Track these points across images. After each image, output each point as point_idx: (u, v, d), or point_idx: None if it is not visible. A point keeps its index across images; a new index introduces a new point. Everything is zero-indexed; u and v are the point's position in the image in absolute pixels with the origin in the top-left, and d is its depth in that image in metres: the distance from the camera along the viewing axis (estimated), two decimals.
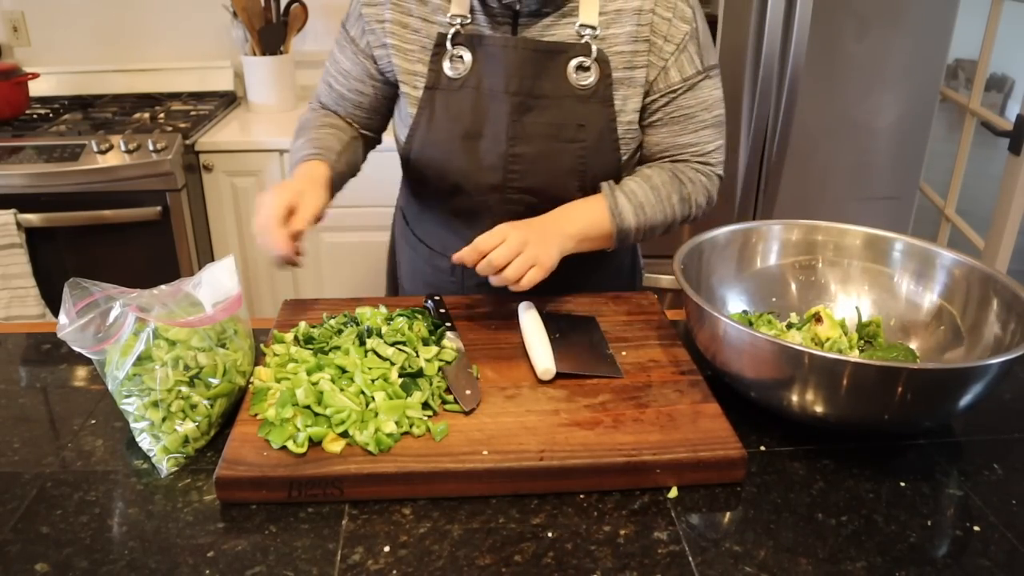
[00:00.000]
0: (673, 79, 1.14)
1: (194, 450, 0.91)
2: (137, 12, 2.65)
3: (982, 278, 1.03)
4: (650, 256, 2.35)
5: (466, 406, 0.92)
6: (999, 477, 0.89)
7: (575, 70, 1.12)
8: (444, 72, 1.14)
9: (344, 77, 1.23)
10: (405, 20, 1.15)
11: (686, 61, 1.14)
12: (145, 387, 0.89)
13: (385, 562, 0.76)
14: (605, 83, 1.12)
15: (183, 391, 0.90)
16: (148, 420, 0.89)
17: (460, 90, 1.13)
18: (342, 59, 1.22)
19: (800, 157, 2.20)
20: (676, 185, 1.17)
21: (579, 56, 1.11)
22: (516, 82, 1.11)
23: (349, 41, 1.20)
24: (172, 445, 0.89)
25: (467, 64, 1.13)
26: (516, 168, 1.15)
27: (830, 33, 2.08)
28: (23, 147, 2.17)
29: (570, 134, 1.13)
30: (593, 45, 1.11)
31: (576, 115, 1.13)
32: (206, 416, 0.91)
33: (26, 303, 2.18)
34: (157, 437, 0.89)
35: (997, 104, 5.95)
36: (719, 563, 0.76)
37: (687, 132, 1.18)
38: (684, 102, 1.16)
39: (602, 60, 1.12)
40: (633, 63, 1.13)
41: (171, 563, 0.75)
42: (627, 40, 1.12)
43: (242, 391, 0.95)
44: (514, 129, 1.13)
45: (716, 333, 0.95)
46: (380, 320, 1.05)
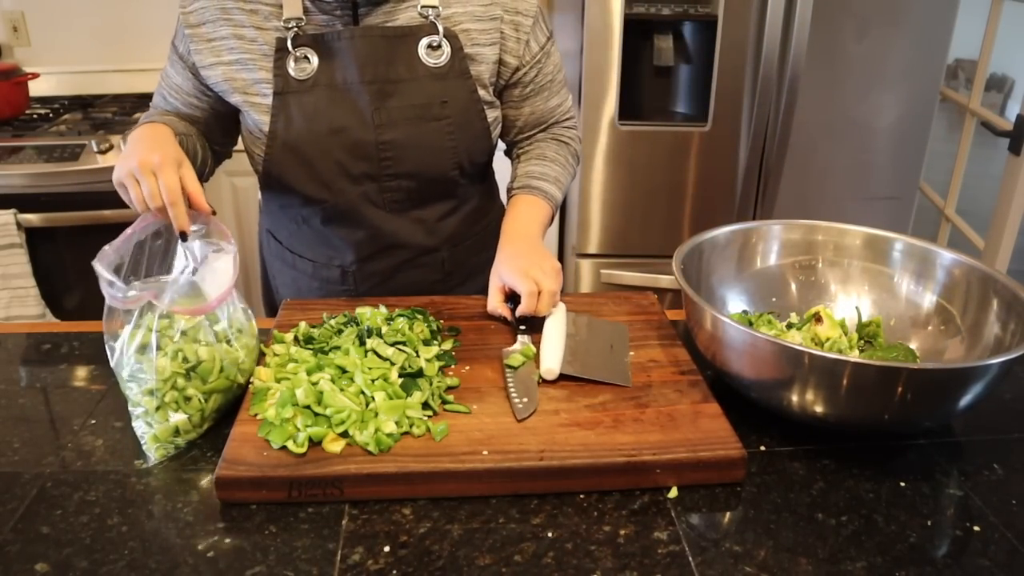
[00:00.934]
0: (534, 49, 1.21)
1: (184, 442, 0.91)
2: (137, 12, 2.65)
3: (982, 278, 1.03)
4: (650, 256, 2.36)
5: (518, 415, 0.91)
6: (999, 477, 0.89)
7: (426, 50, 1.14)
8: (290, 75, 1.12)
9: (177, 92, 1.20)
10: (240, 32, 1.12)
11: (539, 31, 1.21)
12: (145, 374, 0.89)
13: (385, 562, 0.76)
14: (459, 57, 1.15)
15: (179, 383, 0.90)
16: (143, 407, 0.89)
17: (312, 89, 1.12)
18: (173, 74, 1.20)
19: (800, 157, 2.20)
20: (564, 148, 1.30)
21: (427, 36, 1.13)
22: (370, 70, 1.12)
23: (178, 57, 1.18)
24: (162, 435, 0.89)
25: (314, 64, 1.12)
26: (389, 155, 1.15)
27: (830, 33, 2.08)
28: (23, 147, 2.17)
29: (435, 111, 1.15)
30: (439, 24, 1.13)
31: (437, 92, 1.14)
32: (199, 410, 0.91)
33: (26, 303, 2.18)
34: (150, 425, 0.89)
35: (997, 104, 5.95)
36: (719, 563, 0.76)
37: (553, 95, 1.27)
38: (545, 68, 1.24)
39: (450, 36, 1.14)
40: (479, 40, 1.16)
41: (171, 563, 0.75)
42: (471, 19, 1.15)
43: (241, 389, 0.96)
44: (379, 116, 1.13)
45: (716, 333, 0.95)
46: (380, 320, 1.06)
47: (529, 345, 1.04)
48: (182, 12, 1.16)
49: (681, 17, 2.11)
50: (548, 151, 1.28)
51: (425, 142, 1.15)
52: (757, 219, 2.24)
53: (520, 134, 1.30)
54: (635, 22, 2.10)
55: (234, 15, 1.13)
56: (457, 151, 1.18)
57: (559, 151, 1.29)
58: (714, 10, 2.07)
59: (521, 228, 1.19)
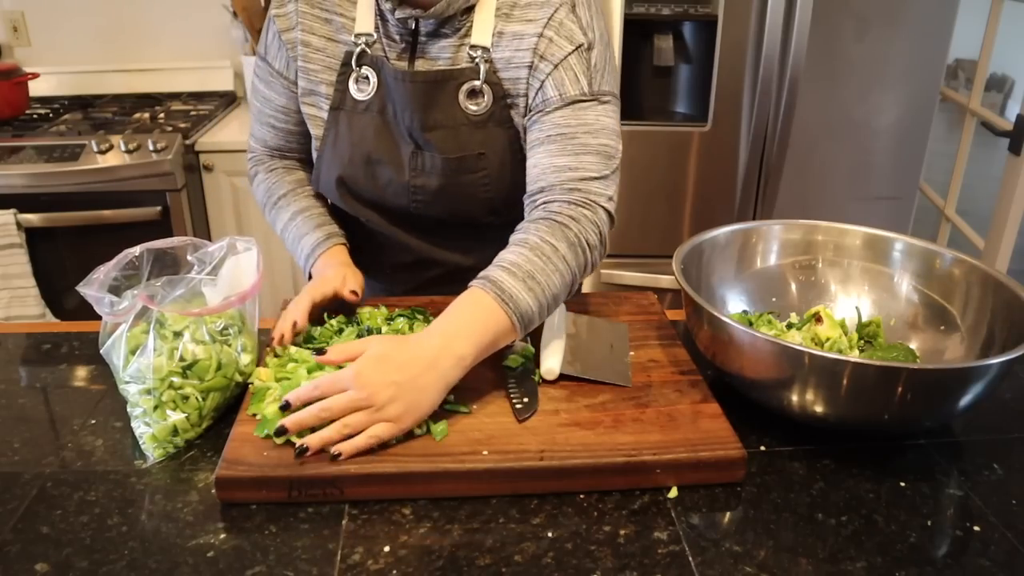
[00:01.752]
0: (549, 95, 1.05)
1: (183, 441, 0.91)
2: (137, 12, 2.66)
3: (982, 278, 1.03)
4: (650, 256, 2.36)
5: (518, 417, 0.91)
6: (999, 477, 0.89)
7: (466, 97, 1.08)
8: (350, 93, 1.10)
9: (285, 114, 1.18)
10: (308, 39, 1.10)
11: (567, 80, 1.04)
12: (142, 374, 0.89)
13: (385, 562, 0.76)
14: (500, 105, 1.08)
15: (175, 382, 0.90)
16: (142, 407, 0.90)
17: (364, 113, 1.11)
18: (275, 96, 1.16)
19: (800, 157, 2.20)
20: (559, 233, 0.98)
21: (468, 81, 1.07)
22: (411, 115, 1.08)
23: (276, 75, 1.15)
24: (161, 434, 0.89)
25: (372, 86, 1.09)
26: (420, 199, 1.13)
27: (830, 33, 2.08)
28: (23, 147, 2.17)
29: (471, 164, 1.09)
30: (482, 67, 1.06)
31: (474, 143, 1.09)
32: (196, 409, 0.91)
33: (26, 303, 2.18)
34: (148, 424, 0.90)
35: (997, 104, 5.95)
36: (719, 563, 0.76)
37: (565, 153, 1.03)
38: (561, 119, 1.04)
39: (492, 83, 1.06)
40: (515, 90, 1.08)
41: (171, 563, 0.75)
42: (506, 64, 1.07)
43: (240, 388, 0.96)
44: (414, 162, 1.10)
45: (716, 333, 0.95)
46: (380, 320, 1.06)
47: (528, 346, 1.04)
48: (275, 17, 1.12)
49: (681, 17, 2.11)
50: (532, 236, 0.97)
51: (458, 193, 1.12)
52: (757, 219, 2.24)
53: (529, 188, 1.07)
54: (635, 22, 2.10)
55: (307, 20, 1.10)
56: (492, 201, 1.13)
57: (548, 238, 0.97)
58: (714, 10, 2.07)
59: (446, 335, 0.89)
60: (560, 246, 0.97)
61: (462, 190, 1.12)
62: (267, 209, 1.22)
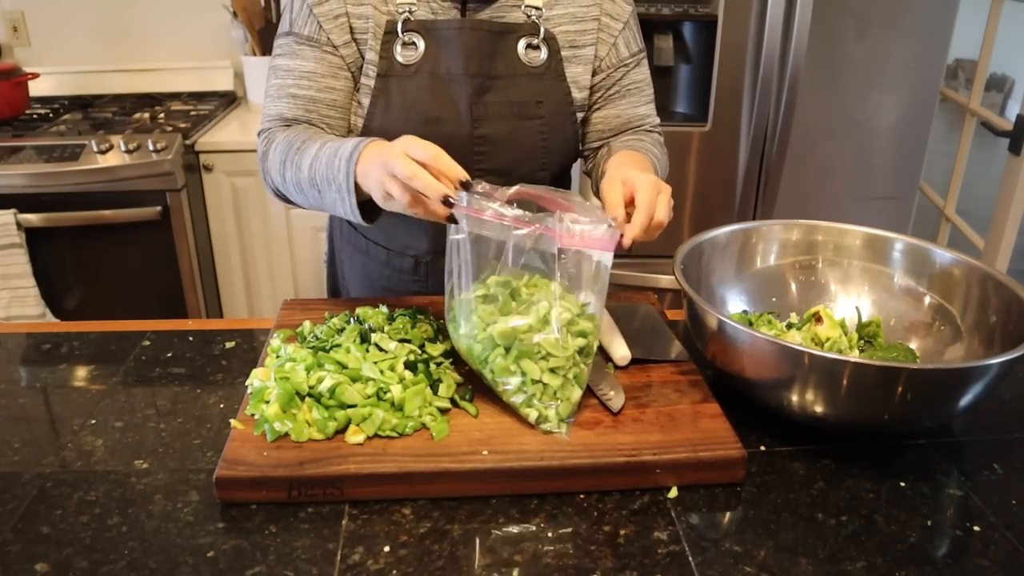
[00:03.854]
0: (623, 53, 1.20)
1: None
2: (137, 12, 2.65)
3: (982, 278, 1.03)
4: (650, 256, 2.36)
5: (614, 408, 0.92)
6: (999, 477, 0.89)
7: (525, 49, 1.14)
8: (396, 59, 1.12)
9: (309, 79, 1.14)
10: (356, 10, 1.12)
11: (631, 38, 1.21)
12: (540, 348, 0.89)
13: (385, 562, 0.76)
14: (555, 59, 1.16)
15: (577, 358, 0.91)
16: (544, 384, 0.89)
17: (415, 76, 1.13)
18: (301, 63, 1.14)
19: (800, 157, 2.20)
20: (659, 148, 1.24)
21: (527, 36, 1.14)
22: (475, 63, 1.12)
23: (305, 42, 1.13)
24: (565, 411, 0.90)
25: (420, 50, 1.12)
26: (482, 149, 1.15)
27: (830, 33, 2.08)
28: (23, 147, 2.17)
29: (530, 111, 1.15)
30: (540, 25, 1.14)
31: (533, 92, 1.15)
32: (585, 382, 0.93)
33: (26, 303, 2.18)
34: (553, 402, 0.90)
35: (997, 104, 5.95)
36: (719, 563, 0.76)
37: (641, 104, 1.24)
38: (635, 76, 1.23)
39: (549, 38, 1.15)
40: (577, 41, 1.17)
41: (171, 563, 0.75)
42: (571, 20, 1.16)
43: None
44: (476, 110, 1.13)
45: (716, 333, 0.95)
46: (381, 320, 1.06)
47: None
48: None
49: (681, 17, 2.11)
50: (638, 142, 1.21)
51: (519, 139, 1.16)
52: (757, 219, 2.24)
53: (601, 137, 1.25)
54: None
55: None
56: (548, 152, 1.18)
57: (654, 144, 1.23)
58: (714, 10, 2.07)
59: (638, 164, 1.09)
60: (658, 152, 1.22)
61: (522, 137, 1.16)
62: (288, 160, 1.08)
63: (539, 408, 0.89)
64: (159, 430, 0.95)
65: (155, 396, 1.02)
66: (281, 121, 1.14)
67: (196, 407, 0.99)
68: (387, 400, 0.90)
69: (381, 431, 0.87)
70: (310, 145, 1.05)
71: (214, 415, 0.98)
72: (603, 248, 0.92)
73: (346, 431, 0.88)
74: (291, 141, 1.09)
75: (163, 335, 1.17)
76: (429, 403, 0.91)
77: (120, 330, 1.18)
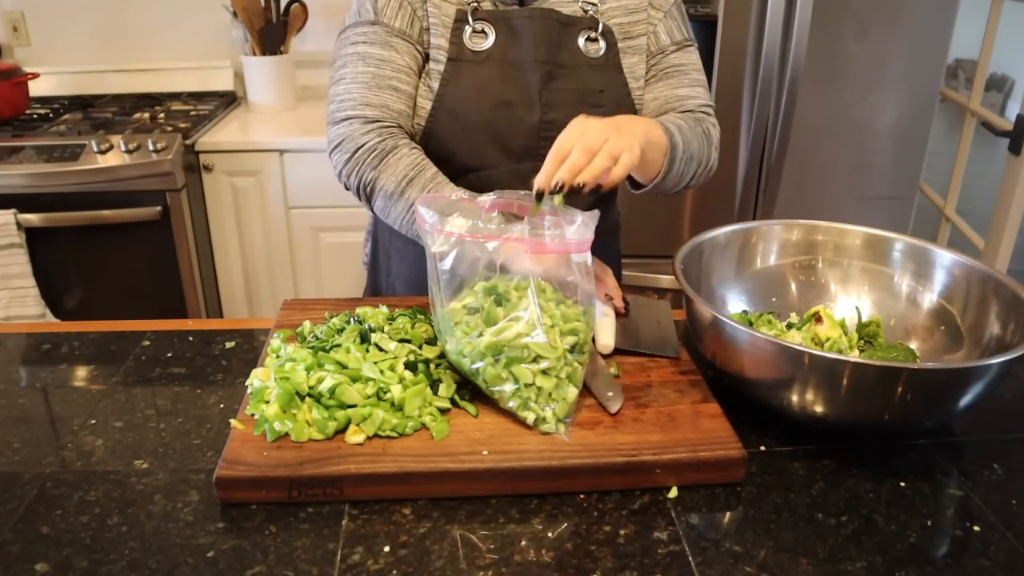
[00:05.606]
0: (663, 41, 1.23)
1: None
2: (137, 12, 2.65)
3: (982, 278, 1.03)
4: (650, 256, 2.36)
5: (612, 410, 0.93)
6: (999, 477, 0.89)
7: (585, 42, 1.18)
8: (466, 45, 1.16)
9: (407, 75, 1.14)
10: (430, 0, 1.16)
11: (673, 26, 1.23)
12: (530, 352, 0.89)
13: (385, 562, 0.76)
14: (612, 52, 1.20)
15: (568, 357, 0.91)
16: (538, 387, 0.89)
17: (485, 62, 1.16)
18: (396, 56, 1.13)
19: (800, 157, 2.20)
20: (693, 121, 1.19)
21: (587, 29, 1.18)
22: (544, 51, 1.16)
23: (398, 34, 1.14)
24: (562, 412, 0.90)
25: (491, 38, 1.16)
26: (549, 134, 1.14)
27: (830, 33, 2.08)
28: (23, 147, 2.17)
29: (593, 99, 1.18)
30: (599, 19, 1.19)
31: (595, 81, 1.19)
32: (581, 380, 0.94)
33: (26, 303, 2.18)
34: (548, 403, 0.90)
35: (997, 104, 5.95)
36: (719, 563, 0.76)
37: (683, 85, 1.24)
38: (675, 60, 1.24)
39: (607, 31, 1.19)
40: (631, 32, 1.21)
41: (171, 563, 0.75)
42: (624, 12, 1.21)
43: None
44: (545, 96, 1.16)
45: (716, 333, 0.95)
46: (382, 320, 1.06)
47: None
48: None
49: None
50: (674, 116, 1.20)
51: None
52: (757, 219, 2.24)
53: None
54: None
55: None
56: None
57: (686, 119, 1.18)
58: (714, 10, 2.07)
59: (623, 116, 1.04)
60: (697, 128, 1.18)
61: None
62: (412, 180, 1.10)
63: (535, 410, 0.89)
64: (159, 430, 0.95)
65: (155, 396, 1.02)
66: (391, 114, 1.13)
67: (196, 407, 0.99)
68: (387, 400, 0.90)
69: (381, 431, 0.87)
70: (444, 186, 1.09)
71: (214, 415, 0.98)
72: (575, 251, 0.92)
73: (346, 431, 0.88)
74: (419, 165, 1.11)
75: (163, 335, 1.17)
76: (429, 403, 0.91)
77: (120, 330, 1.18)
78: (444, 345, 0.95)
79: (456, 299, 0.95)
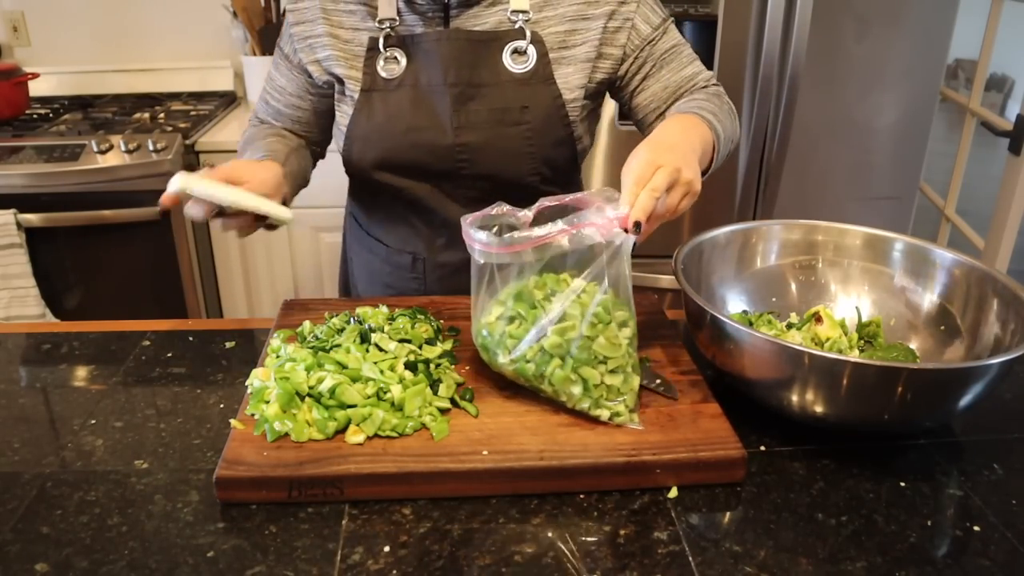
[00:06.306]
0: (644, 30, 1.18)
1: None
2: (137, 12, 2.65)
3: (982, 278, 1.03)
4: (650, 256, 2.36)
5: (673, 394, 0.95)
6: (999, 477, 0.89)
7: (511, 55, 1.14)
8: (379, 74, 1.15)
9: (280, 93, 1.25)
10: (336, 32, 1.17)
11: (648, 11, 1.18)
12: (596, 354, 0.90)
13: (385, 562, 0.76)
14: (543, 63, 1.15)
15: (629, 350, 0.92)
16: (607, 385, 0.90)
17: (397, 89, 1.15)
18: (278, 76, 1.25)
19: (800, 157, 2.20)
20: (717, 100, 1.17)
21: (513, 41, 1.14)
22: (454, 73, 1.13)
23: (283, 59, 1.23)
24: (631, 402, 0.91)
25: (402, 65, 1.15)
26: (464, 157, 1.16)
27: (830, 33, 2.08)
28: (23, 147, 2.17)
29: (514, 117, 1.15)
30: (527, 29, 1.14)
31: (518, 98, 1.15)
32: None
33: (26, 303, 2.18)
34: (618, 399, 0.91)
35: (997, 104, 5.95)
36: (719, 563, 0.76)
37: (684, 66, 1.21)
38: (665, 44, 1.20)
39: (537, 42, 1.14)
40: (568, 42, 1.16)
41: (171, 563, 0.75)
42: (561, 20, 1.15)
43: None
44: (457, 119, 1.14)
45: (716, 333, 0.95)
46: (382, 320, 1.06)
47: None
48: (289, 10, 1.21)
49: (681, 17, 2.11)
50: (695, 99, 1.16)
51: (503, 146, 1.16)
52: (757, 219, 2.24)
53: (658, 114, 1.21)
54: None
55: (333, 16, 1.17)
56: (535, 157, 1.18)
57: (709, 99, 1.16)
58: (714, 10, 2.07)
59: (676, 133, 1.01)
60: (722, 104, 1.17)
61: (505, 143, 1.16)
62: (240, 146, 1.26)
63: (609, 407, 0.90)
64: (159, 430, 0.95)
65: (155, 396, 1.02)
66: (257, 118, 1.31)
67: (196, 407, 0.99)
68: (387, 400, 0.90)
69: (381, 431, 0.87)
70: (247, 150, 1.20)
71: (214, 415, 0.98)
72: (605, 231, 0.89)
73: (346, 431, 0.88)
74: (253, 136, 1.25)
75: (163, 335, 1.17)
76: (429, 403, 0.91)
77: (120, 330, 1.18)
78: (494, 359, 0.95)
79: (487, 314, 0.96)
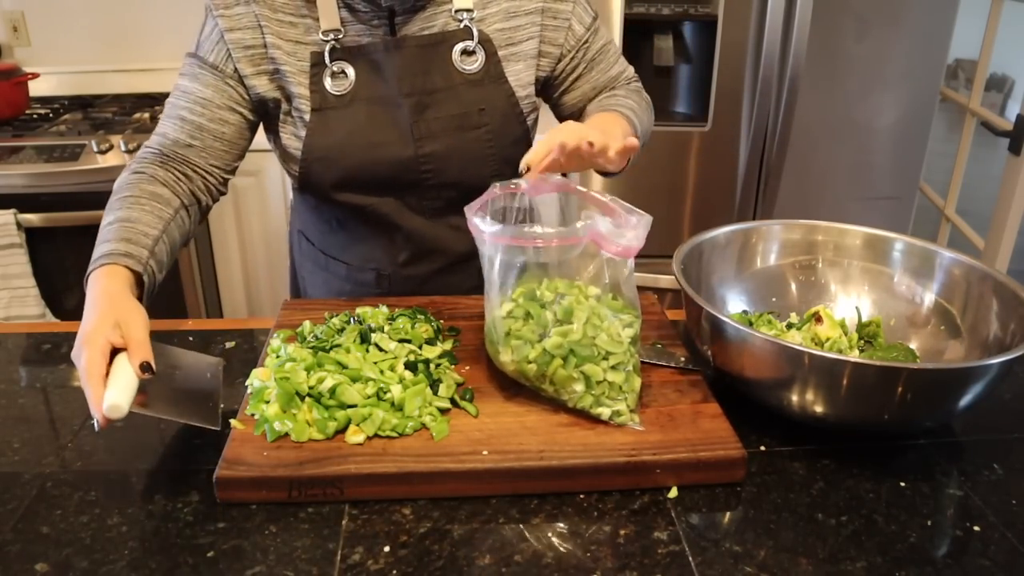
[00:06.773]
0: (579, 31, 1.19)
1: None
2: (137, 12, 2.65)
3: (982, 278, 1.03)
4: (650, 256, 2.35)
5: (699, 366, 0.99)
6: (999, 477, 0.89)
7: (460, 56, 1.12)
8: (327, 91, 1.10)
9: (203, 107, 1.10)
10: (279, 43, 1.09)
11: (580, 11, 1.19)
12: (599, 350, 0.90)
13: (385, 562, 0.76)
14: (493, 61, 1.14)
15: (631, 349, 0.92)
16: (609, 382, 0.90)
17: (350, 105, 1.10)
18: (198, 88, 1.10)
19: (800, 157, 2.20)
20: (636, 96, 1.24)
21: (461, 42, 1.12)
22: (408, 83, 1.10)
23: (208, 68, 1.10)
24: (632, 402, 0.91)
25: (351, 78, 1.10)
26: (429, 167, 1.14)
27: (830, 33, 2.08)
28: (23, 147, 2.17)
29: (473, 120, 1.14)
30: (473, 28, 1.12)
31: (474, 100, 1.13)
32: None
33: (26, 303, 2.18)
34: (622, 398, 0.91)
35: (997, 104, 5.95)
36: (719, 563, 0.76)
37: (611, 66, 1.24)
38: (596, 44, 1.22)
39: (484, 40, 1.13)
40: (514, 38, 1.15)
41: (171, 563, 0.75)
42: (505, 16, 1.14)
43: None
44: (418, 129, 1.12)
45: (716, 333, 0.95)
46: (382, 319, 1.06)
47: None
48: (216, 16, 1.09)
49: (681, 17, 2.11)
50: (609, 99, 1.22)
51: (465, 151, 1.14)
52: (757, 219, 2.24)
53: (580, 111, 1.25)
54: (635, 22, 2.10)
55: (272, 26, 1.09)
56: (496, 158, 1.16)
57: (627, 94, 1.23)
58: (714, 10, 2.07)
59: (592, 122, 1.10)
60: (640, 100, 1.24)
61: (468, 148, 1.15)
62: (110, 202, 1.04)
63: (610, 405, 0.90)
64: (159, 430, 0.95)
65: None
66: (161, 143, 1.10)
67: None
68: (387, 400, 0.90)
69: (381, 431, 0.87)
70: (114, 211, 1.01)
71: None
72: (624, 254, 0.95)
73: (346, 431, 0.88)
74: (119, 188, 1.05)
75: (163, 335, 1.17)
76: (429, 403, 0.91)
77: None
78: (498, 356, 0.94)
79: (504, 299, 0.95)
